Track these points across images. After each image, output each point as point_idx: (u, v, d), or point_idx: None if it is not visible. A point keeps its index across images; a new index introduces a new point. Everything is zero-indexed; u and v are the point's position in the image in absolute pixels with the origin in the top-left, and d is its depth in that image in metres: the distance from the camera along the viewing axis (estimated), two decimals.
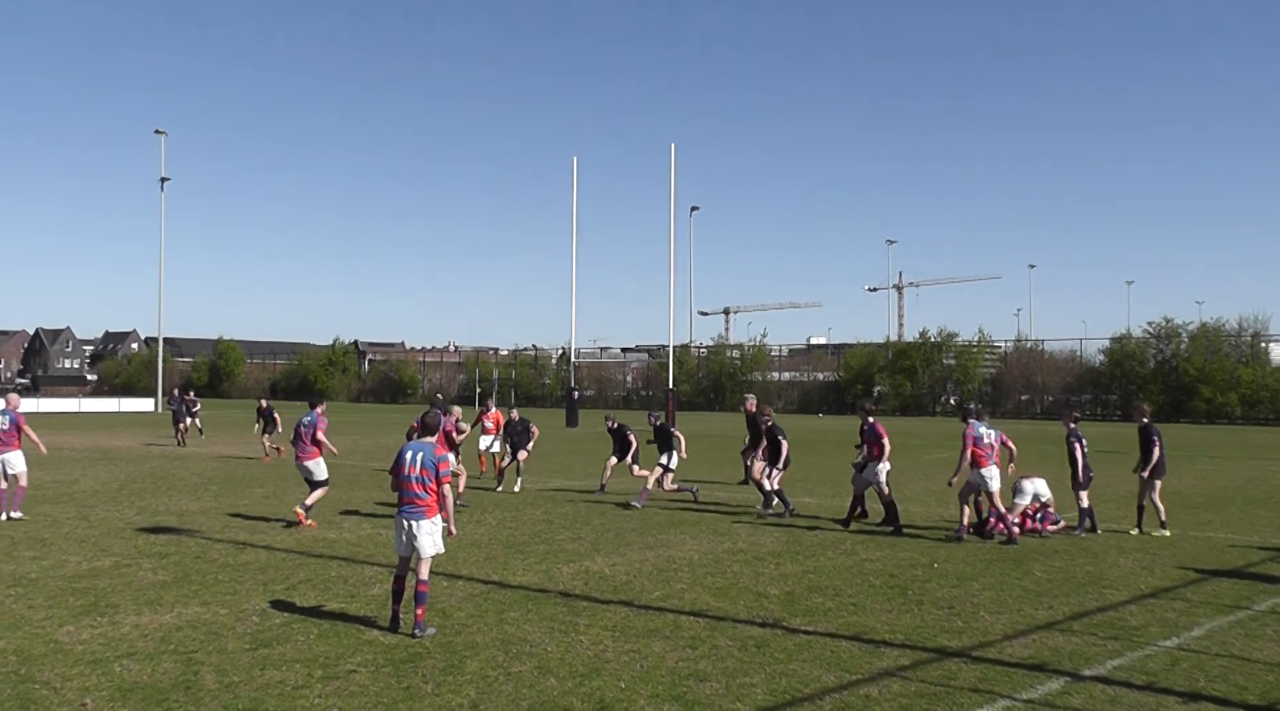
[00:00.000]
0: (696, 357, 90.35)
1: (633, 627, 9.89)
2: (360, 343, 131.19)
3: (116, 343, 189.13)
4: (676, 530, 16.35)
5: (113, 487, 21.62)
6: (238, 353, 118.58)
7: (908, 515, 18.12)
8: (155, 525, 16.20)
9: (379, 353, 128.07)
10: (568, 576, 12.44)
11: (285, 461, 28.41)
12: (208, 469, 26.21)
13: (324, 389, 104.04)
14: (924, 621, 10.29)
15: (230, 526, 16.21)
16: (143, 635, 9.35)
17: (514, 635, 9.52)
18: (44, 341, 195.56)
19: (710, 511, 18.56)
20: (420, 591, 9.57)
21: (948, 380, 77.66)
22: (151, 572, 12.30)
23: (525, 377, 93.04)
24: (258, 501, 19.37)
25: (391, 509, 18.31)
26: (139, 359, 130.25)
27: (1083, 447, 16.82)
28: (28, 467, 17.41)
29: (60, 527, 15.90)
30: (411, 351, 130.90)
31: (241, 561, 13.12)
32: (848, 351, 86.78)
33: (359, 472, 25.42)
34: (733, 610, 10.72)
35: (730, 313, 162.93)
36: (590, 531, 16.16)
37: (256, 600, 10.85)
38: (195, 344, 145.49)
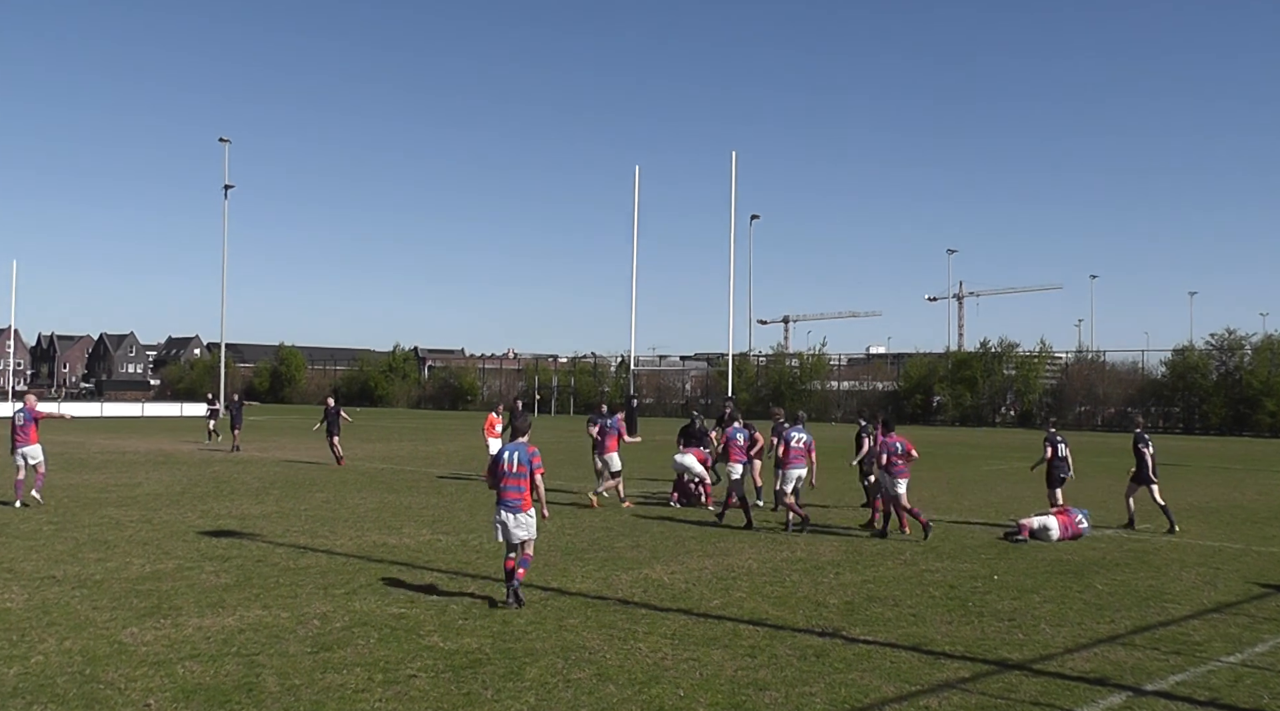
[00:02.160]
0: (756, 366, 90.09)
1: (691, 635, 9.86)
2: (420, 349, 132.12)
3: (179, 348, 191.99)
4: (735, 538, 16.29)
5: (175, 491, 21.93)
6: (299, 358, 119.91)
7: (965, 530, 17.97)
8: (217, 528, 16.41)
9: (439, 359, 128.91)
10: (626, 584, 12.44)
11: (348, 467, 28.68)
12: (269, 473, 26.51)
13: (384, 395, 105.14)
14: (984, 633, 10.17)
15: (291, 530, 16.37)
16: (205, 637, 9.46)
17: (573, 642, 9.53)
18: (108, 346, 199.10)
19: (764, 527, 18.45)
20: (525, 558, 11.18)
21: (1008, 391, 76.79)
22: (214, 575, 12.45)
23: (585, 385, 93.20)
24: (318, 506, 19.56)
25: (444, 512, 18.46)
26: (202, 364, 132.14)
27: (1150, 451, 17.81)
28: (45, 457, 19.53)
29: (124, 530, 16.15)
30: (471, 358, 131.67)
31: (302, 565, 13.24)
32: (907, 361, 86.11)
33: (418, 479, 25.58)
34: (792, 619, 10.66)
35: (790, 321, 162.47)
36: (649, 539, 16.14)
37: (317, 603, 10.95)
38: (257, 349, 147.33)
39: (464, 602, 11.10)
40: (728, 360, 59.32)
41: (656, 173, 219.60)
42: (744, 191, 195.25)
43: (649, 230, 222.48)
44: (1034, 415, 72.26)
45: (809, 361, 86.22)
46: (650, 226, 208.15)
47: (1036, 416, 71.76)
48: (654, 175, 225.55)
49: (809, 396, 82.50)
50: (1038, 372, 76.34)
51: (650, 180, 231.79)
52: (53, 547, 14.33)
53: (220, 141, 75.99)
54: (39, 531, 15.80)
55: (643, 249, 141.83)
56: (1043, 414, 72.02)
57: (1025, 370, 75.86)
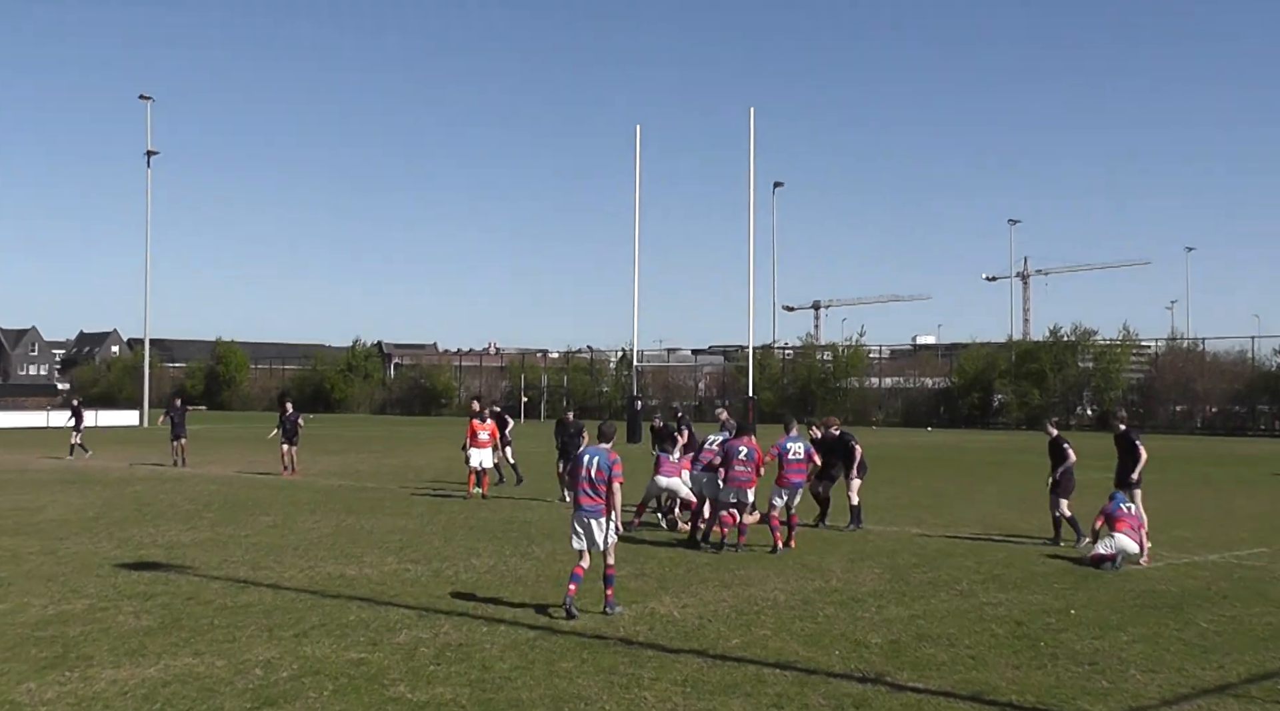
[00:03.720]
0: (781, 360, 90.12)
1: (707, 682, 9.82)
2: (385, 344, 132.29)
3: (93, 345, 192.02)
4: (758, 565, 16.26)
5: (87, 516, 21.89)
6: (240, 356, 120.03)
7: (1034, 554, 17.94)
8: (139, 560, 16.37)
9: (407, 356, 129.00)
10: (629, 620, 12.42)
11: (287, 481, 28.68)
12: (203, 492, 26.51)
13: (342, 398, 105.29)
14: (1059, 680, 10.12)
15: (229, 561, 16.35)
16: (121, 692, 9.41)
17: (566, 690, 9.49)
18: (4, 344, 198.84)
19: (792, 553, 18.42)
20: (608, 574, 12.74)
21: (1084, 387, 76.72)
22: (133, 617, 12.41)
23: (579, 384, 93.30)
24: (263, 531, 19.54)
25: (414, 538, 18.43)
26: (120, 364, 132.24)
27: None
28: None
29: (22, 564, 16.09)
30: (445, 354, 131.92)
31: (242, 602, 13.21)
32: (962, 352, 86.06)
33: (382, 498, 25.57)
34: (826, 661, 10.63)
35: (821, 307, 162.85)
36: (656, 566, 16.12)
37: (260, 649, 10.91)
38: (189, 346, 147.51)
39: (436, 646, 11.07)
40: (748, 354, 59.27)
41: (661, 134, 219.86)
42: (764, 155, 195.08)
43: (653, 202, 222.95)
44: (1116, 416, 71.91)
45: (844, 354, 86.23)
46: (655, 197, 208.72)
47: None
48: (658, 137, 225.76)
49: (844, 395, 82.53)
50: (1121, 365, 76.23)
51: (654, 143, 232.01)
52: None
53: (141, 99, 76.24)
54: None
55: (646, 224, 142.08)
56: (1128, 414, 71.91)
57: (1105, 362, 75.74)
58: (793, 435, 18.42)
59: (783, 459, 18.03)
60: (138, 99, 76.45)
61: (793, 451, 18.16)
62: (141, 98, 76.01)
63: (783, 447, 18.12)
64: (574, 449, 23.50)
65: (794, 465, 18.10)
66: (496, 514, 22.30)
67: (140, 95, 76.21)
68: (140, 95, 76.21)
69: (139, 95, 76.61)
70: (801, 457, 18.22)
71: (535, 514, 22.39)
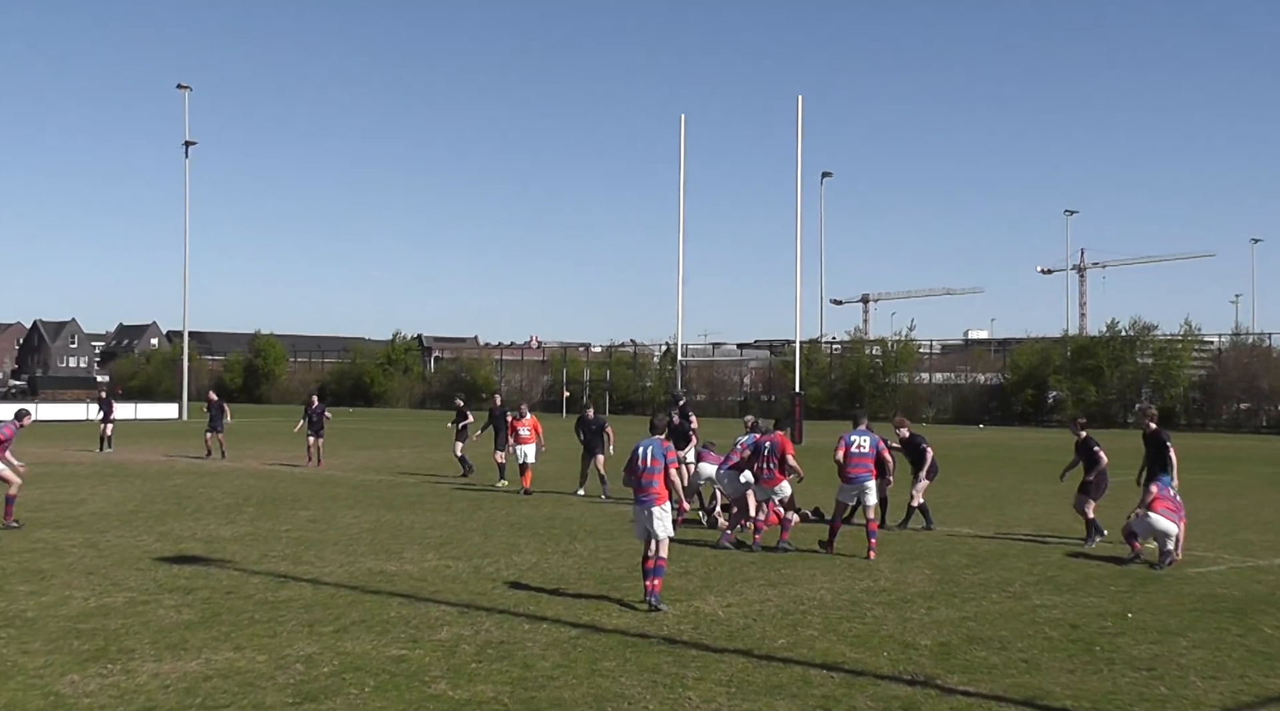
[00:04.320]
0: (829, 355, 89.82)
1: (752, 682, 9.84)
2: (425, 338, 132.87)
3: (132, 338, 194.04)
4: (804, 564, 16.26)
5: (127, 509, 22.14)
6: (279, 350, 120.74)
7: (1090, 556, 17.83)
8: (179, 554, 16.56)
9: (447, 349, 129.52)
10: (673, 619, 12.44)
11: (327, 475, 28.88)
12: (242, 487, 26.74)
13: (381, 392, 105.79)
14: (1116, 685, 10.07)
15: (269, 555, 16.51)
16: (163, 686, 9.53)
17: (609, 689, 9.53)
18: (44, 336, 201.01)
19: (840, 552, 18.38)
20: (659, 566, 13.03)
21: (1143, 384, 76.06)
22: (174, 611, 12.56)
23: (622, 379, 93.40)
24: (302, 526, 19.70)
25: (454, 534, 18.53)
26: (159, 357, 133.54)
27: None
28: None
29: (63, 557, 16.31)
30: (486, 348, 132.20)
31: (282, 598, 13.34)
32: (1015, 348, 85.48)
33: (422, 493, 25.71)
34: (874, 663, 10.62)
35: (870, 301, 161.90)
36: (700, 564, 16.14)
37: (300, 644, 11.02)
38: (227, 339, 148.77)
39: (477, 643, 11.14)
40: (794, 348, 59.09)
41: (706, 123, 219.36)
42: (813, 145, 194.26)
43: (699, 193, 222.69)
44: (1177, 414, 71.45)
45: (894, 349, 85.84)
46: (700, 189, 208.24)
47: (1181, 416, 70.98)
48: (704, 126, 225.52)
49: (894, 391, 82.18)
50: (1182, 361, 75.43)
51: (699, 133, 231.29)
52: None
53: (179, 88, 76.64)
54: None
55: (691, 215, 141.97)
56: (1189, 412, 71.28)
57: (1166, 358, 74.98)
58: (860, 429, 17.86)
59: (847, 453, 17.50)
60: (175, 88, 76.99)
61: (856, 444, 17.57)
62: (179, 87, 76.32)
63: (847, 440, 17.59)
64: (597, 444, 25.18)
65: (858, 459, 17.51)
66: (538, 510, 22.38)
67: (178, 85, 76.53)
68: (178, 85, 76.53)
69: (176, 85, 77.13)
70: (866, 452, 17.60)
71: (577, 510, 22.46)
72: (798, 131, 54.85)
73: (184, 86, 76.23)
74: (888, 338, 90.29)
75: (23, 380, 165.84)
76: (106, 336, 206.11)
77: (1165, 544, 16.39)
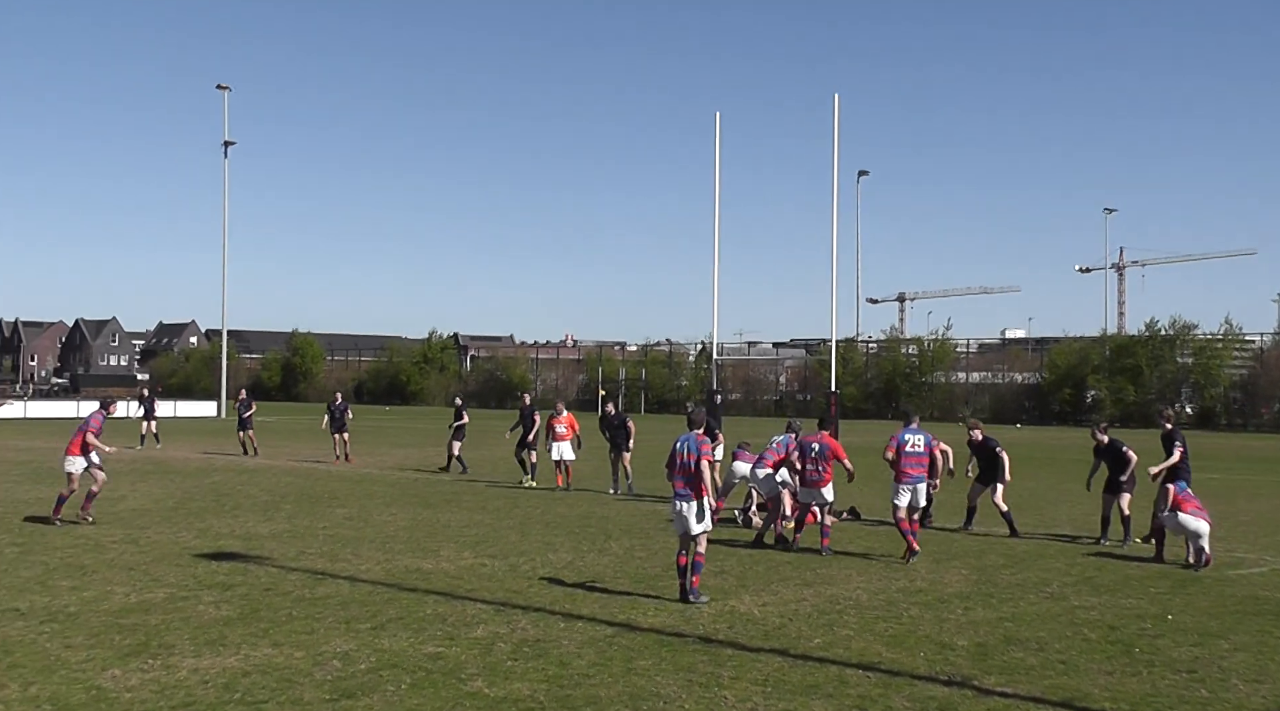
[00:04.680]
0: (864, 354, 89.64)
1: (788, 682, 9.83)
2: (461, 336, 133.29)
3: (172, 336, 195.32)
4: (840, 564, 16.22)
5: (167, 506, 22.29)
6: (316, 348, 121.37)
7: (1128, 557, 17.73)
8: (217, 550, 16.66)
9: (483, 348, 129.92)
10: (709, 618, 12.44)
11: (363, 473, 28.99)
12: (280, 484, 26.87)
13: (418, 390, 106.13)
14: (1156, 688, 10.00)
15: (307, 552, 16.58)
16: (202, 681, 9.59)
17: (644, 688, 9.54)
18: (85, 334, 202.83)
19: (874, 553, 18.32)
20: (697, 562, 13.29)
21: (1183, 384, 75.53)
22: (213, 607, 12.64)
23: (657, 378, 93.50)
24: (339, 524, 19.79)
25: (490, 532, 18.58)
26: (199, 355, 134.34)
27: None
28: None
29: (104, 553, 16.43)
30: (521, 346, 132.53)
31: (320, 594, 13.40)
32: (1053, 347, 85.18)
33: (458, 491, 25.78)
34: (910, 663, 10.59)
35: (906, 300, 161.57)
36: (736, 563, 16.13)
37: (338, 641, 11.07)
38: (265, 337, 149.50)
39: (513, 641, 11.16)
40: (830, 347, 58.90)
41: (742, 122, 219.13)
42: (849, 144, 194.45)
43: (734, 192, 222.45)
44: (1218, 414, 70.90)
45: (930, 348, 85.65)
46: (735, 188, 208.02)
47: (1221, 415, 70.42)
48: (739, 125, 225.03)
49: (930, 390, 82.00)
50: (1222, 361, 74.94)
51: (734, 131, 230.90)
52: (16, 574, 14.61)
53: (218, 89, 77.19)
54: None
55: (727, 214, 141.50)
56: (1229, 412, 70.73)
57: (1206, 358, 74.52)
58: (912, 427, 17.29)
59: (900, 452, 16.99)
60: (215, 89, 77.50)
61: (911, 443, 16.98)
62: (218, 88, 76.96)
63: (900, 439, 17.02)
64: (621, 440, 25.55)
65: (912, 459, 16.93)
66: (573, 509, 22.41)
67: (217, 85, 77.17)
68: (217, 85, 77.17)
69: (216, 85, 77.65)
70: (921, 451, 17.02)
71: (612, 509, 22.47)
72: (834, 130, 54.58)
73: (223, 87, 76.86)
74: (924, 337, 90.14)
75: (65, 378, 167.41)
76: (146, 335, 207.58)
77: (1199, 542, 16.27)
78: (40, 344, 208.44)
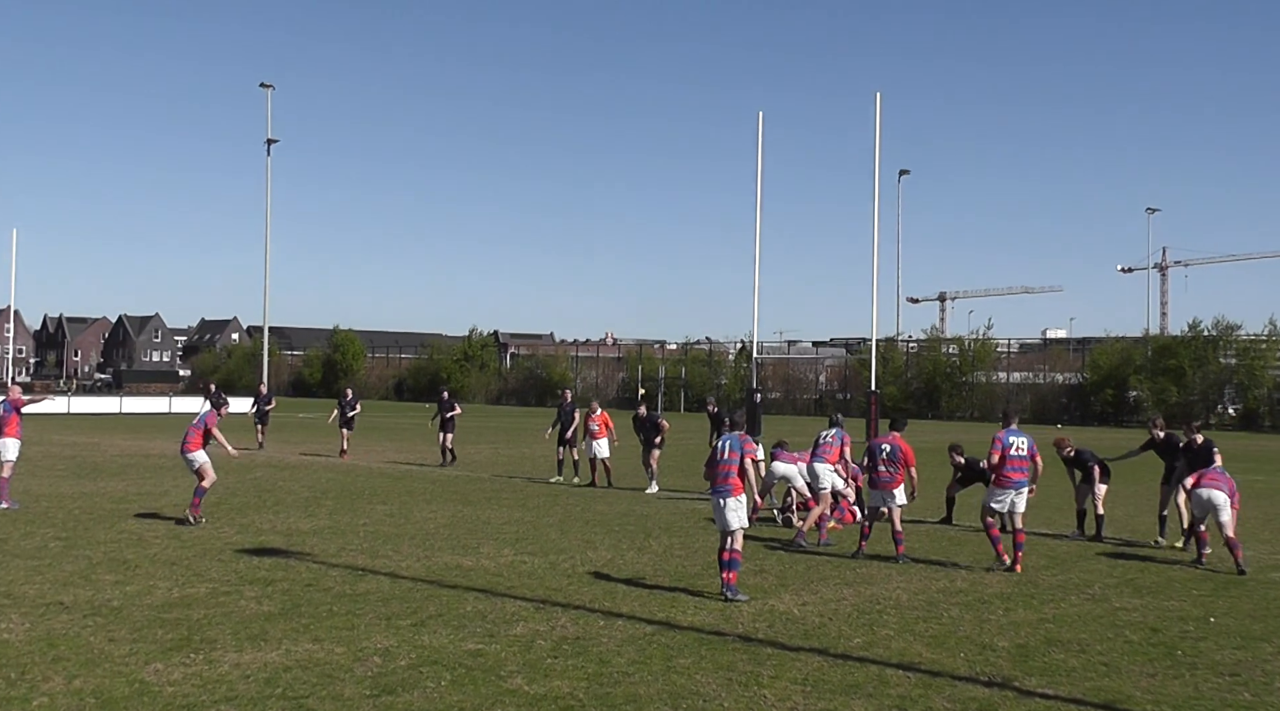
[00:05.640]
0: (905, 354, 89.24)
1: (828, 681, 9.81)
2: (501, 334, 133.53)
3: (214, 332, 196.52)
4: (880, 564, 16.16)
5: (209, 501, 22.35)
6: (357, 345, 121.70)
7: (1171, 559, 17.60)
8: (259, 546, 16.76)
9: (524, 346, 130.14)
10: (749, 617, 12.43)
11: (403, 470, 29.10)
12: (321, 481, 26.99)
13: (458, 388, 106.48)
14: (1199, 690, 9.94)
15: (348, 549, 16.66)
16: (244, 676, 9.66)
17: (684, 686, 9.54)
18: (129, 330, 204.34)
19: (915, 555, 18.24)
20: (733, 558, 13.43)
21: (1226, 385, 74.88)
22: (255, 602, 12.73)
23: (697, 376, 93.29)
24: (380, 520, 19.86)
25: (530, 530, 18.62)
26: (241, 351, 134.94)
27: None
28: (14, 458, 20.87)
29: (147, 548, 16.56)
30: (562, 345, 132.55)
31: (361, 590, 13.47)
32: (1095, 347, 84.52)
33: (499, 488, 25.84)
34: (951, 664, 10.56)
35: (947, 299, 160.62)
36: (775, 562, 16.10)
37: (378, 637, 11.12)
38: (307, 334, 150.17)
39: (553, 638, 11.19)
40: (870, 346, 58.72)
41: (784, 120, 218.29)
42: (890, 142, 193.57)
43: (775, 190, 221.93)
44: (1261, 415, 70.24)
45: (971, 348, 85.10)
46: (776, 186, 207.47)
47: (1265, 417, 69.79)
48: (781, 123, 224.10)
49: (971, 390, 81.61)
50: (1266, 362, 74.17)
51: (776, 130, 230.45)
52: (60, 568, 14.73)
53: (262, 87, 77.46)
54: (44, 548, 16.28)
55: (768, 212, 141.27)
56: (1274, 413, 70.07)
57: (1250, 359, 73.72)
58: (1013, 428, 16.51)
59: (1004, 455, 16.15)
60: (259, 87, 77.97)
61: (1015, 446, 16.16)
62: (262, 85, 77.22)
63: (1004, 442, 16.17)
64: (653, 439, 25.82)
65: (1015, 462, 16.13)
66: (613, 507, 22.42)
67: (261, 83, 77.57)
68: (261, 83, 77.57)
69: (260, 83, 78.11)
70: (1024, 454, 16.20)
71: (652, 507, 22.47)
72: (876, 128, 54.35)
73: (266, 85, 77.09)
74: (965, 336, 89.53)
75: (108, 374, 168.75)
76: (189, 331, 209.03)
77: (1220, 516, 16.12)
78: (84, 340, 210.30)
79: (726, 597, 13.22)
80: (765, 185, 55.89)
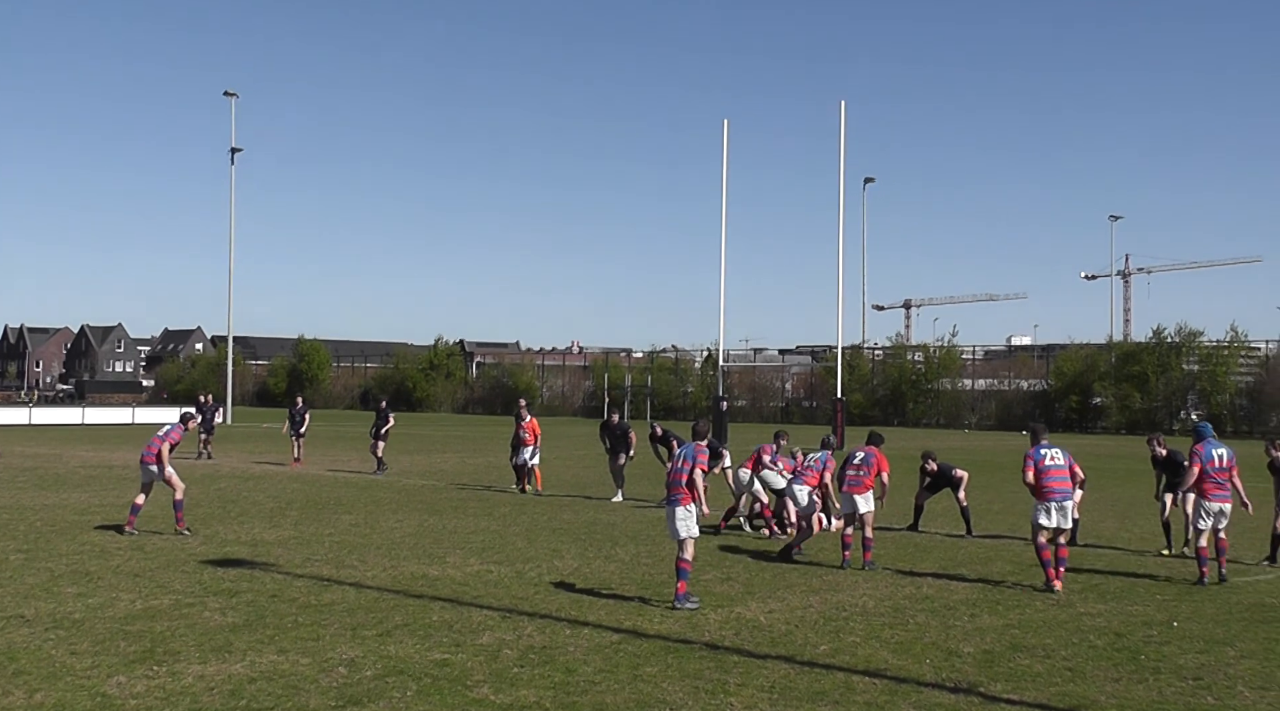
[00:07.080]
0: (871, 361, 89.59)
1: (794, 689, 9.82)
2: (467, 343, 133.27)
3: (177, 342, 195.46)
4: (847, 571, 16.20)
5: (172, 512, 22.25)
6: (323, 354, 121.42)
7: (1136, 563, 17.71)
8: (224, 557, 16.66)
9: (489, 355, 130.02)
10: (715, 624, 12.43)
11: (369, 480, 29.01)
12: (286, 491, 26.87)
13: (424, 397, 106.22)
14: (1162, 695, 9.99)
15: (313, 559, 16.58)
16: (208, 688, 9.59)
17: (651, 695, 9.54)
18: (91, 341, 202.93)
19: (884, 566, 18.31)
20: (683, 568, 13.43)
21: (1189, 391, 75.45)
22: (219, 613, 12.64)
23: (664, 384, 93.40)
24: (346, 530, 19.79)
25: (496, 539, 18.59)
26: (205, 361, 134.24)
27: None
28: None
29: (109, 559, 16.43)
30: (528, 353, 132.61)
31: (326, 601, 13.40)
32: (1059, 354, 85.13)
33: (465, 498, 25.79)
34: (917, 670, 10.59)
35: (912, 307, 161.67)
36: (743, 570, 16.12)
37: (344, 648, 11.07)
38: (272, 344, 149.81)
39: (519, 648, 11.17)
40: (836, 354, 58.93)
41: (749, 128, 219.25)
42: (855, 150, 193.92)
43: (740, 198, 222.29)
44: (1224, 420, 70.79)
45: (936, 355, 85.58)
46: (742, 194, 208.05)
47: (1228, 422, 70.32)
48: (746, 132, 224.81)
49: (936, 397, 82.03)
50: (1228, 368, 74.82)
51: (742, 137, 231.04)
52: (21, 580, 14.60)
53: (225, 95, 77.40)
54: (4, 561, 16.12)
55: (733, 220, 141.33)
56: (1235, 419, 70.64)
57: (1212, 365, 74.38)
58: (1044, 443, 15.89)
59: (1039, 469, 15.49)
60: (222, 96, 77.82)
61: (1050, 457, 15.54)
62: (226, 94, 77.21)
63: (1036, 456, 15.58)
64: (621, 448, 25.69)
65: (1054, 473, 15.45)
66: (580, 516, 22.41)
67: (224, 92, 77.52)
68: (224, 92, 77.52)
69: (223, 92, 78.00)
70: (1062, 463, 15.56)
71: (618, 516, 22.47)
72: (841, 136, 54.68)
73: (230, 94, 77.05)
74: (930, 343, 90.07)
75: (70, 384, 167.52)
76: (152, 341, 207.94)
77: (1219, 523, 15.88)
78: (46, 350, 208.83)
79: (674, 606, 13.26)
80: (730, 192, 56.02)
